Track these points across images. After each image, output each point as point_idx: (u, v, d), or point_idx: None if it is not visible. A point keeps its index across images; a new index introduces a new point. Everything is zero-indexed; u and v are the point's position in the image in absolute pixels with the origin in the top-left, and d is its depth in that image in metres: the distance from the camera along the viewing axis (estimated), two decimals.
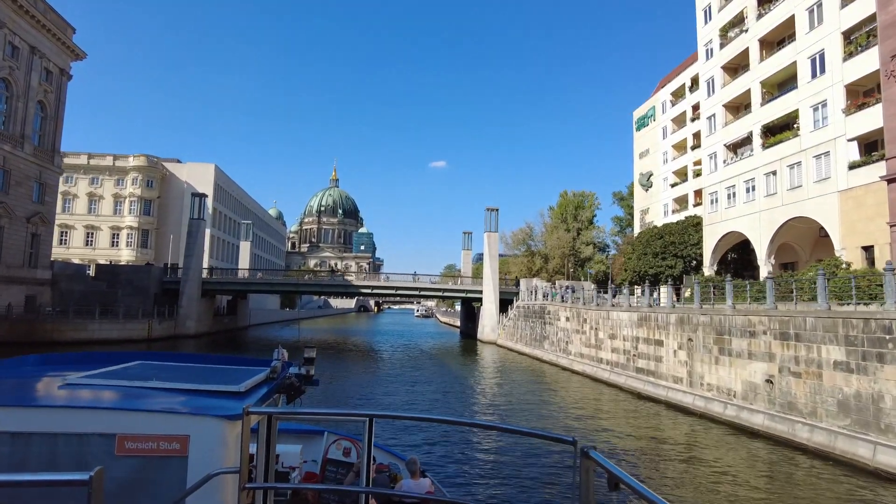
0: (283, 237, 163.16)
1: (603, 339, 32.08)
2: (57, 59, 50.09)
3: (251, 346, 56.63)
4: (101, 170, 78.86)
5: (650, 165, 61.83)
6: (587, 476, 2.37)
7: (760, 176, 34.18)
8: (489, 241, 62.85)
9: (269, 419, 3.79)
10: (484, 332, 60.35)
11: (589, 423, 22.00)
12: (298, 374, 5.58)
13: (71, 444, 3.82)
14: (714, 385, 21.59)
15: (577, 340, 36.15)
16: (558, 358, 38.73)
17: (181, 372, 5.33)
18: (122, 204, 78.58)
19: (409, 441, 17.23)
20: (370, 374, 35.65)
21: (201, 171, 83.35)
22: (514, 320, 53.62)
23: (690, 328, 23.41)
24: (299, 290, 66.64)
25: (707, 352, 22.14)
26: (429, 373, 36.20)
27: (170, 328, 55.77)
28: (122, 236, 78.20)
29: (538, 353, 43.30)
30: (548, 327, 42.17)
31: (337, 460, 7.69)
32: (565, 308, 38.68)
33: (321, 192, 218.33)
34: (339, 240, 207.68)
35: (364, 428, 3.69)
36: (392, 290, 64.56)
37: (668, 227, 43.84)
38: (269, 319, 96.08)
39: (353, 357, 46.94)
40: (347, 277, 64.25)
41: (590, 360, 33.81)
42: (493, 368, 40.11)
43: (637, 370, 27.83)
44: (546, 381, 33.89)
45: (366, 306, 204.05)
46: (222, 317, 70.14)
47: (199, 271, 60.01)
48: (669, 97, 58.33)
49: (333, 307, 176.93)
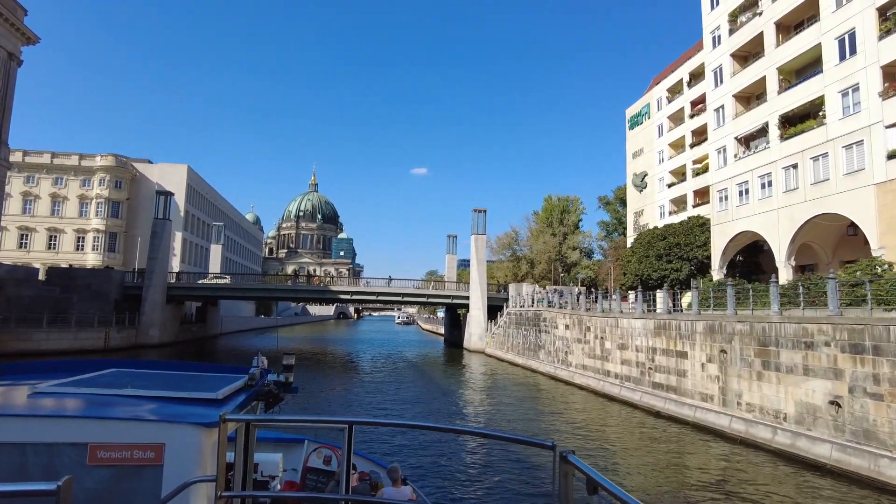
0: (261, 242, 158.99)
1: (611, 350, 28.75)
2: (5, 41, 45.61)
3: (221, 356, 52.27)
4: (65, 169, 74.76)
5: (645, 165, 59.12)
6: (566, 481, 2.37)
7: (778, 170, 31.29)
8: (476, 244, 59.33)
9: (247, 426, 3.81)
10: (471, 341, 56.81)
11: (600, 446, 18.59)
12: (277, 382, 5.54)
13: (40, 455, 3.76)
14: (756, 405, 18.31)
15: (579, 351, 32.80)
16: (556, 370, 35.33)
17: (157, 379, 5.24)
18: (88, 205, 74.56)
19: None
20: (348, 390, 31.90)
21: (173, 171, 79.55)
22: (504, 328, 50.17)
23: (723, 338, 20.15)
24: (273, 295, 62.45)
25: (746, 365, 18.88)
26: (414, 388, 32.54)
27: (130, 337, 51.25)
28: (87, 239, 74.00)
29: (532, 364, 39.90)
30: (543, 336, 38.80)
31: (318, 469, 7.36)
32: (564, 315, 35.35)
33: (300, 196, 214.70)
34: (319, 245, 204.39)
35: (344, 435, 3.51)
36: (373, 296, 60.71)
37: (672, 228, 40.87)
38: (242, 327, 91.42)
39: (331, 370, 43.00)
40: (332, 287, 60.28)
41: (595, 373, 30.45)
42: (484, 381, 36.59)
43: (654, 385, 24.51)
44: (544, 395, 30.48)
45: (345, 313, 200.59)
46: (190, 325, 65.54)
47: (163, 275, 55.59)
48: (665, 94, 55.71)
49: (312, 314, 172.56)
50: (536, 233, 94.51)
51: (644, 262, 40.34)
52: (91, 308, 48.91)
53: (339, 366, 45.69)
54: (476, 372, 42.26)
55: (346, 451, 3.55)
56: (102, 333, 47.31)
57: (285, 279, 72.65)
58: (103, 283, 52.69)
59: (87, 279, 52.40)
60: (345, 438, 3.54)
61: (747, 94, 35.89)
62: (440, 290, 65.18)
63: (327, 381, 34.45)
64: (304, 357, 49.11)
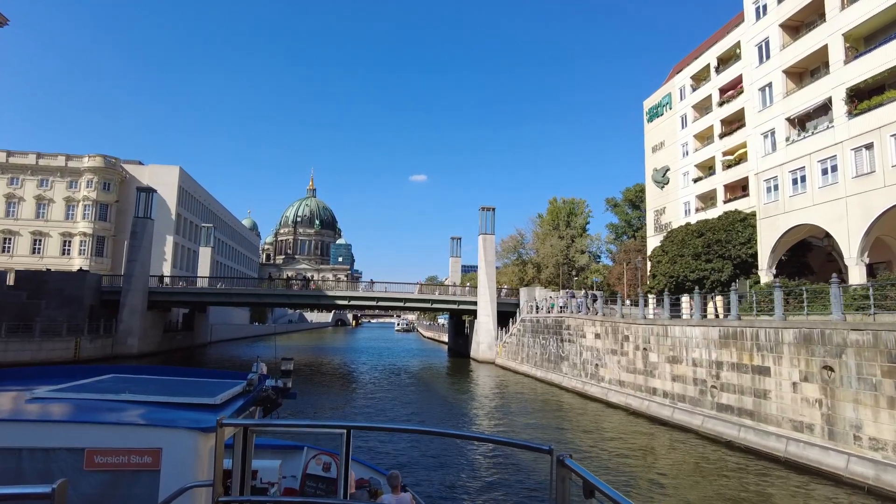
0: (257, 248, 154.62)
1: (657, 363, 24.14)
2: None
3: (209, 367, 47.54)
4: (51, 171, 71.17)
5: (666, 160, 54.67)
6: (563, 485, 2.36)
7: (846, 152, 26.80)
8: (484, 245, 54.45)
9: (245, 431, 3.66)
10: (479, 350, 52.06)
11: (659, 487, 14.08)
12: (276, 387, 5.44)
13: (36, 460, 3.75)
14: (889, 442, 13.70)
15: (614, 364, 28.19)
16: (585, 385, 30.72)
17: (154, 385, 5.20)
18: (75, 208, 70.95)
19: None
20: (345, 405, 27.39)
21: (165, 173, 75.46)
22: (517, 336, 45.48)
23: (828, 351, 15.57)
24: (264, 301, 57.63)
25: (868, 388, 14.29)
26: (419, 406, 27.95)
27: (105, 347, 46.54)
28: (74, 243, 70.29)
29: (553, 378, 35.28)
30: (567, 346, 34.19)
31: (317, 475, 7.34)
32: (594, 322, 30.76)
33: (297, 202, 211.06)
34: (316, 251, 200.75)
35: (342, 440, 3.42)
36: (372, 301, 55.98)
37: (709, 224, 36.30)
38: (235, 336, 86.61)
39: (326, 387, 38.33)
40: (327, 292, 55.57)
41: (635, 391, 25.82)
42: (498, 398, 32.00)
43: (720, 408, 19.91)
44: (571, 415, 25.90)
45: (343, 320, 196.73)
46: (176, 333, 60.75)
47: (144, 279, 50.89)
48: (689, 81, 51.32)
49: (309, 321, 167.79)
50: (543, 236, 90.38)
51: (679, 263, 35.76)
52: (61, 315, 44.21)
53: (335, 380, 40.99)
54: (487, 386, 37.65)
55: (344, 456, 3.43)
56: (72, 343, 42.57)
57: (281, 284, 67.77)
58: (77, 287, 47.90)
59: (58, 283, 47.54)
60: (343, 443, 3.41)
61: (800, 69, 31.48)
62: (444, 294, 60.27)
63: (322, 398, 29.84)
64: (297, 368, 44.35)
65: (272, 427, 5.48)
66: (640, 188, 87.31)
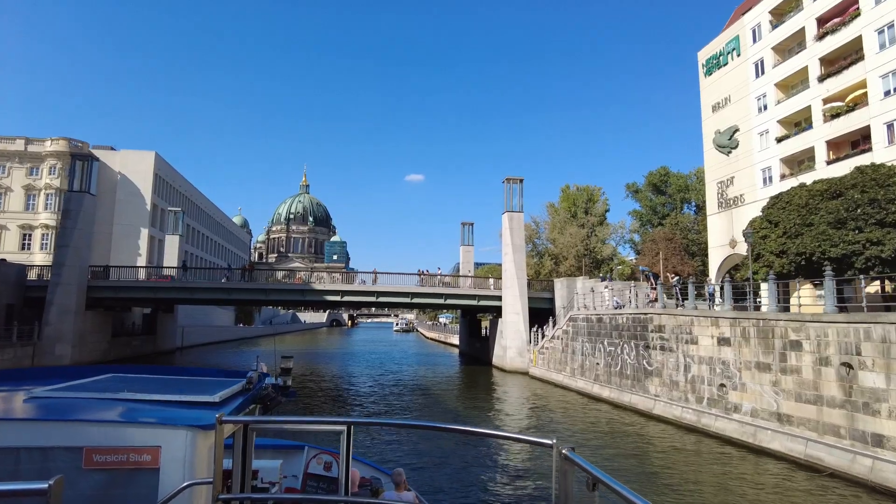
0: (248, 246, 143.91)
1: (879, 390, 13.47)
2: None
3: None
4: (8, 156, 63.52)
5: (733, 118, 44.09)
6: (565, 479, 2.34)
7: None
8: (511, 225, 43.16)
9: (245, 429, 3.49)
10: (506, 357, 41.25)
11: None
12: (275, 385, 5.40)
13: (34, 459, 3.60)
14: None
15: (765, 385, 17.48)
16: (701, 416, 19.98)
17: (153, 384, 5.09)
18: (35, 197, 64.25)
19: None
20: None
21: (139, 159, 65.74)
22: (563, 340, 34.61)
23: None
24: (233, 297, 46.47)
25: None
26: (441, 455, 17.22)
27: (23, 357, 35.65)
28: (35, 237, 63.04)
29: (633, 400, 24.63)
30: (657, 355, 23.48)
31: (318, 475, 7.18)
32: (715, 320, 20.04)
33: (290, 198, 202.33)
34: (310, 249, 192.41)
35: (342, 437, 3.32)
36: (370, 297, 45.11)
37: (844, 181, 25.61)
38: (212, 339, 75.63)
39: (317, 407, 27.49)
40: (314, 285, 44.82)
41: (820, 434, 15.14)
42: (548, 427, 21.56)
43: None
44: (691, 468, 15.33)
45: (339, 320, 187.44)
46: (132, 337, 49.79)
47: (80, 271, 39.96)
48: (767, 17, 40.78)
49: (302, 321, 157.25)
50: (560, 225, 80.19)
51: (807, 235, 25.12)
52: None
53: (328, 399, 30.14)
54: (526, 408, 27.04)
55: (344, 453, 3.35)
56: None
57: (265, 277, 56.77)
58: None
59: None
60: (343, 439, 3.33)
61: None
62: (456, 288, 49.10)
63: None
64: None
65: (272, 424, 5.46)
66: (665, 172, 77.91)
